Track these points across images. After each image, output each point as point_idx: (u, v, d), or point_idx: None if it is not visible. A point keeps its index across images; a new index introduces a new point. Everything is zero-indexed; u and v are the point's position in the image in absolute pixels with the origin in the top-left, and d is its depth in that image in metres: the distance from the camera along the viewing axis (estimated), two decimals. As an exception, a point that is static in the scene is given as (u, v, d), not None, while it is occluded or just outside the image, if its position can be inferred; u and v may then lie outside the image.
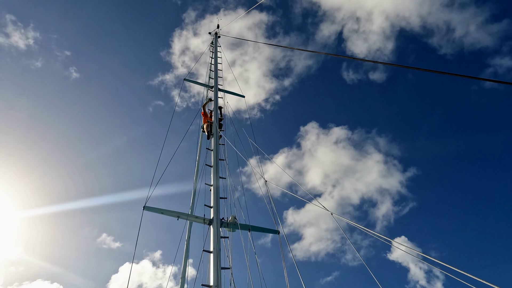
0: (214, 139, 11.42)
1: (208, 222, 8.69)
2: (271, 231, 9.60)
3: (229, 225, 8.98)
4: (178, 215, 8.65)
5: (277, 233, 9.43)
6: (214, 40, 17.51)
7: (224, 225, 8.89)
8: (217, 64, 15.55)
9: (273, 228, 9.44)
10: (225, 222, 8.94)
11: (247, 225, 9.13)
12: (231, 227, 9.01)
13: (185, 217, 8.67)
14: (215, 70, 15.18)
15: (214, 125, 11.96)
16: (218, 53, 16.38)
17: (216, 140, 11.34)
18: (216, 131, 11.66)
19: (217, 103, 13.34)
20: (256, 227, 9.41)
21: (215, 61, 15.83)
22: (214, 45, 17.03)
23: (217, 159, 10.63)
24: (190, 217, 8.80)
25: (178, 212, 8.63)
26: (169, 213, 8.60)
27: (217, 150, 10.93)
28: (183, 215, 8.67)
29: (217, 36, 17.76)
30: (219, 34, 17.91)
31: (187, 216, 8.73)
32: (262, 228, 9.57)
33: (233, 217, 9.22)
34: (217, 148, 11.01)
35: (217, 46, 17.04)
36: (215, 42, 17.24)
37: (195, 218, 8.82)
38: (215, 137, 11.46)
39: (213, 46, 16.98)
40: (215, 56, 16.12)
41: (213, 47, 16.87)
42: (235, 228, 9.13)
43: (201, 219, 8.72)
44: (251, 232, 9.13)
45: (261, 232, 9.72)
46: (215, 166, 10.30)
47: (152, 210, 8.47)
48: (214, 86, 14.03)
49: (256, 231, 9.45)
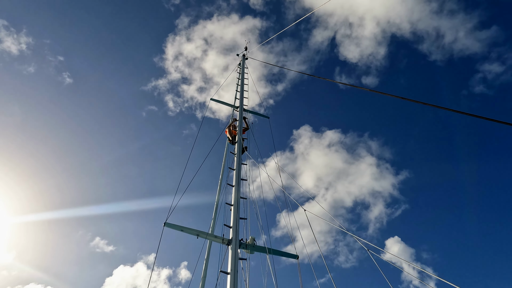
0: (236, 159, 11.49)
1: (227, 242, 8.64)
2: (290, 255, 9.41)
3: (247, 247, 8.89)
4: (197, 234, 8.66)
5: (296, 257, 9.24)
6: (241, 62, 17.88)
7: (242, 246, 8.81)
8: (243, 85, 15.81)
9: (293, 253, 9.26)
10: (244, 243, 8.86)
11: (266, 247, 9.00)
12: (249, 249, 8.92)
13: (204, 236, 8.66)
14: (241, 91, 15.43)
15: (238, 145, 12.06)
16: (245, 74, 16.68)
17: (239, 159, 11.40)
18: (239, 152, 11.74)
19: (242, 123, 13.50)
20: (275, 250, 9.26)
21: (242, 82, 16.12)
22: (242, 67, 17.38)
23: (239, 179, 10.65)
24: (209, 236, 8.79)
25: (197, 231, 8.64)
26: (189, 231, 8.62)
27: (239, 169, 10.97)
28: (202, 234, 8.67)
29: (244, 58, 18.14)
30: (247, 56, 18.28)
31: (206, 235, 8.72)
32: (281, 251, 9.40)
33: (252, 239, 9.12)
34: (239, 168, 11.06)
35: (244, 67, 17.37)
36: (243, 64, 17.59)
37: (214, 237, 8.79)
38: (237, 157, 11.54)
39: (240, 67, 17.32)
40: (241, 77, 16.43)
41: (240, 68, 17.21)
42: (254, 250, 9.02)
43: (220, 239, 8.68)
44: (269, 254, 8.98)
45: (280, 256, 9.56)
46: (236, 185, 10.31)
47: (173, 227, 8.52)
48: (239, 107, 14.23)
49: (275, 254, 9.29)
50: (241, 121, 13.59)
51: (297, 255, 9.20)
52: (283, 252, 9.39)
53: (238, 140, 12.34)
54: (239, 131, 13.00)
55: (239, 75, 16.63)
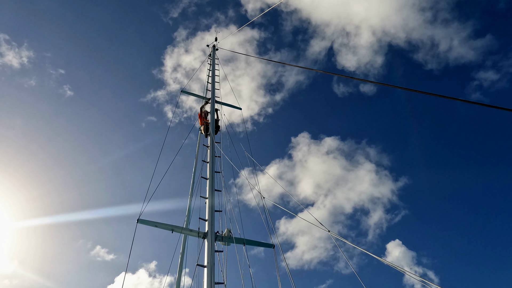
0: (209, 151, 11.40)
1: (203, 235, 8.62)
2: (266, 245, 9.51)
3: (223, 239, 8.90)
4: (172, 228, 8.57)
5: (272, 247, 9.35)
6: (212, 53, 17.62)
7: (218, 238, 8.81)
8: (215, 76, 15.62)
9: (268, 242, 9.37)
10: (220, 235, 8.86)
11: (242, 238, 9.04)
12: (225, 241, 8.93)
13: (179, 231, 8.59)
14: (213, 82, 15.24)
15: (211, 137, 11.95)
16: (215, 66, 16.47)
17: (212, 152, 11.31)
18: (213, 144, 11.65)
19: (214, 115, 13.36)
20: (251, 240, 9.32)
21: (213, 73, 15.91)
22: (212, 57, 17.14)
23: (213, 172, 10.59)
24: (184, 230, 8.72)
25: (172, 226, 8.55)
26: (163, 226, 8.52)
27: (213, 162, 10.90)
28: (178, 228, 8.60)
29: (215, 48, 17.89)
30: (217, 47, 18.03)
31: (181, 229, 8.65)
32: (257, 242, 9.48)
33: (227, 231, 9.14)
34: (213, 160, 10.98)
35: (215, 58, 17.15)
36: (213, 55, 17.35)
37: (189, 231, 8.74)
38: (210, 149, 11.45)
39: (210, 58, 17.08)
40: (212, 68, 16.20)
41: (211, 59, 16.98)
42: (230, 242, 9.04)
43: (195, 233, 8.64)
44: (246, 246, 9.04)
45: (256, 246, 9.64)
46: (211, 179, 10.25)
47: (146, 223, 8.39)
48: (211, 98, 14.07)
49: (251, 245, 9.37)
50: (213, 112, 13.45)
51: (273, 244, 9.31)
52: (260, 242, 9.47)
53: (211, 132, 12.23)
54: (212, 123, 12.87)
55: (210, 66, 16.41)
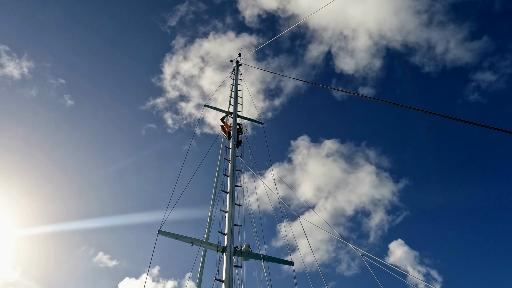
0: (230, 165, 11.46)
1: (222, 249, 8.59)
2: (285, 262, 9.37)
3: (242, 254, 8.84)
4: (192, 241, 8.60)
5: (291, 264, 9.19)
6: (235, 68, 17.91)
7: (237, 253, 8.76)
8: (237, 91, 15.82)
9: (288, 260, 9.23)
10: (239, 250, 8.81)
11: (261, 254, 8.95)
12: (244, 256, 8.86)
13: (198, 244, 8.60)
14: (235, 97, 15.44)
15: (232, 151, 12.03)
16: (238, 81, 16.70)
17: (233, 167, 11.37)
18: (234, 158, 11.71)
19: (236, 130, 13.48)
20: (270, 257, 9.21)
21: (236, 87, 16.14)
22: (236, 73, 17.41)
23: (233, 185, 10.61)
24: (203, 243, 8.73)
25: (192, 238, 8.58)
26: (183, 238, 8.56)
27: (233, 176, 10.94)
28: (197, 242, 8.61)
29: (238, 64, 18.18)
30: (241, 63, 18.32)
31: (200, 242, 8.66)
32: (277, 258, 9.36)
33: (247, 246, 9.07)
34: (234, 174, 11.02)
35: (238, 73, 17.40)
36: (236, 70, 17.62)
37: (208, 245, 8.73)
38: (231, 163, 11.50)
39: (234, 73, 17.35)
40: (235, 83, 16.44)
41: (234, 75, 17.24)
42: (249, 257, 8.97)
43: (214, 247, 8.63)
44: (265, 262, 8.93)
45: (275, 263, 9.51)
46: (231, 192, 10.27)
47: (167, 235, 8.45)
48: (233, 113, 14.23)
49: (270, 261, 9.24)
50: (235, 127, 13.58)
51: (292, 262, 9.15)
52: (279, 259, 9.34)
53: (232, 147, 12.32)
54: (233, 137, 12.98)
55: (233, 81, 16.65)
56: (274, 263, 9.44)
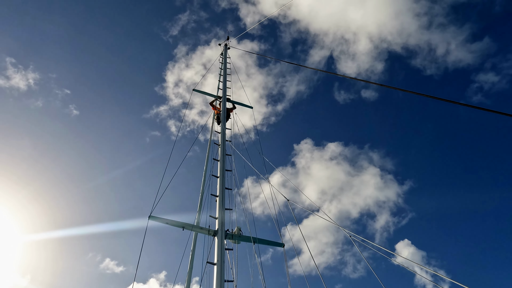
0: (220, 149, 11.40)
1: (213, 233, 8.63)
2: (276, 244, 9.48)
3: (233, 237, 8.90)
4: (183, 226, 8.61)
5: (282, 246, 9.31)
6: (223, 51, 17.65)
7: (228, 236, 8.81)
8: (226, 75, 15.63)
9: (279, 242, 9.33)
10: (230, 233, 8.86)
11: (252, 237, 9.02)
12: (235, 239, 8.93)
13: (189, 228, 8.62)
14: (224, 81, 15.25)
15: (222, 135, 11.96)
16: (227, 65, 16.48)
17: (223, 150, 11.32)
18: (223, 141, 11.66)
19: (225, 112, 13.38)
20: (261, 239, 9.29)
21: (224, 71, 15.93)
22: (224, 56, 17.16)
23: (224, 169, 10.59)
24: (194, 228, 8.75)
25: (182, 223, 8.59)
26: (173, 223, 8.56)
27: (223, 160, 10.91)
28: (188, 226, 8.63)
29: (226, 47, 17.90)
30: (229, 46, 18.05)
31: (191, 226, 8.68)
32: (268, 240, 9.45)
33: (238, 229, 9.14)
34: (224, 159, 10.99)
35: (227, 57, 17.16)
36: (225, 53, 17.37)
37: (199, 229, 8.76)
38: (221, 146, 11.45)
39: (222, 57, 17.10)
40: (224, 67, 16.22)
41: (223, 58, 17.00)
42: (240, 240, 9.04)
43: (206, 230, 8.67)
44: (256, 244, 9.02)
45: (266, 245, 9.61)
46: (221, 176, 10.26)
47: (157, 220, 8.44)
48: (222, 97, 14.09)
49: (261, 243, 9.34)
50: (224, 109, 13.47)
51: (283, 243, 9.27)
52: (269, 241, 9.45)
53: (222, 131, 12.24)
54: (223, 121, 12.88)
55: (222, 64, 16.42)
56: (266, 245, 9.56)
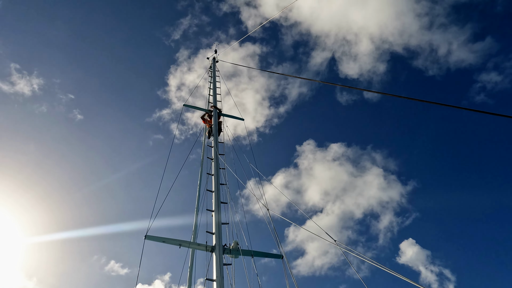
0: (214, 163, 11.43)
1: (211, 249, 8.61)
2: (274, 256, 9.47)
3: (231, 251, 8.88)
4: (180, 243, 8.58)
5: (280, 257, 9.30)
6: (212, 65, 17.78)
7: (226, 251, 8.79)
8: (216, 88, 15.73)
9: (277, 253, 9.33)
10: (228, 248, 8.85)
11: (250, 250, 9.02)
12: (233, 254, 8.91)
13: (187, 245, 8.59)
14: (214, 94, 15.34)
15: (214, 149, 12.00)
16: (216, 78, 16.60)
17: (216, 164, 11.34)
18: (216, 156, 11.69)
19: (217, 125, 13.43)
20: (259, 252, 9.29)
21: (214, 85, 16.03)
22: (213, 69, 17.29)
23: (218, 184, 10.60)
24: (192, 244, 8.72)
25: (179, 240, 8.56)
26: (170, 241, 8.53)
27: (217, 174, 10.92)
28: (185, 243, 8.60)
29: (215, 60, 18.05)
30: (217, 59, 18.20)
31: (189, 244, 8.65)
32: (265, 253, 9.45)
33: (235, 243, 9.12)
34: (218, 173, 11.00)
35: (216, 70, 17.29)
36: (213, 66, 17.50)
37: (197, 245, 8.74)
38: (214, 161, 11.48)
39: (211, 70, 17.23)
40: (213, 80, 16.33)
41: (212, 72, 17.12)
42: (238, 254, 9.02)
43: (203, 247, 8.64)
44: (254, 257, 9.01)
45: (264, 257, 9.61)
46: (216, 191, 10.26)
47: (154, 239, 8.40)
48: (213, 111, 14.15)
49: (259, 256, 9.33)
50: (215, 123, 13.52)
51: (281, 255, 9.26)
52: (268, 253, 9.45)
53: (215, 144, 12.28)
54: (215, 134, 12.92)
55: (211, 78, 16.54)
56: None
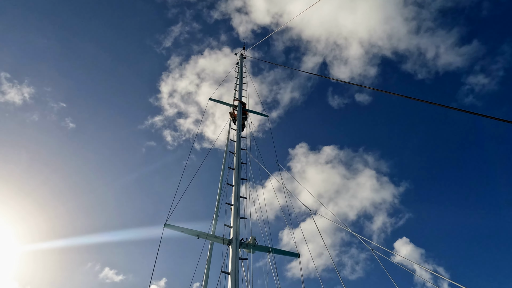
0: (236, 157, 11.43)
1: (228, 242, 8.60)
2: (292, 254, 9.36)
3: (248, 246, 8.84)
4: (198, 234, 8.62)
5: (297, 256, 9.18)
6: (240, 61, 17.81)
7: (243, 246, 8.76)
8: (242, 84, 15.74)
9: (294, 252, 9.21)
10: (245, 243, 8.81)
11: (267, 247, 8.94)
12: (250, 248, 8.86)
13: (204, 237, 8.62)
14: (240, 89, 15.36)
15: (237, 144, 11.99)
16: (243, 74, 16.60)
17: (238, 159, 11.34)
18: (239, 150, 11.68)
19: (240, 121, 13.43)
20: (276, 249, 9.21)
21: (240, 80, 16.04)
22: (240, 65, 17.31)
23: (239, 178, 10.59)
24: (209, 236, 8.74)
25: (197, 231, 8.61)
26: (188, 231, 8.58)
27: (238, 169, 10.91)
28: (203, 235, 8.63)
29: (242, 56, 18.07)
30: (245, 55, 18.22)
31: (206, 235, 8.68)
32: (283, 250, 9.35)
33: (252, 238, 9.07)
34: (239, 167, 11.00)
35: (243, 66, 17.30)
36: (241, 62, 17.52)
37: (214, 238, 8.75)
38: (237, 156, 11.48)
39: (238, 66, 17.25)
40: (240, 76, 16.35)
41: (239, 67, 17.14)
42: (255, 250, 8.97)
43: (220, 239, 8.64)
44: (271, 254, 8.93)
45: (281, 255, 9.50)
46: (236, 185, 10.26)
47: (172, 228, 8.48)
48: (238, 105, 14.16)
49: (277, 253, 9.25)
50: (240, 117, 13.53)
51: (298, 254, 9.14)
52: (285, 251, 9.34)
53: (237, 140, 12.28)
54: (238, 129, 12.93)
55: (238, 74, 16.56)
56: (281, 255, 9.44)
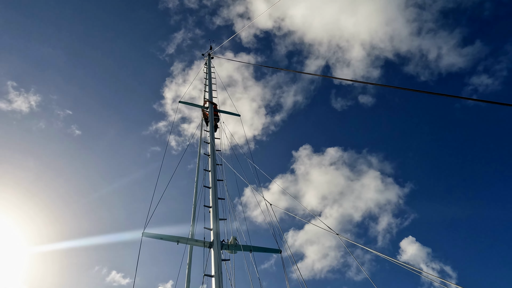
0: (210, 159, 11.36)
1: (209, 245, 8.55)
2: (273, 251, 9.43)
3: (230, 247, 8.83)
4: (177, 240, 8.51)
5: (279, 252, 9.26)
6: (207, 61, 17.67)
7: (225, 247, 8.74)
8: (211, 85, 15.64)
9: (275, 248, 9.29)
10: (226, 244, 8.79)
11: (249, 245, 8.97)
12: (232, 249, 8.86)
13: (184, 241, 8.53)
14: (210, 90, 15.25)
15: (211, 146, 11.92)
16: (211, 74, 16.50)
17: (213, 159, 11.28)
18: (213, 151, 11.62)
19: (213, 123, 13.35)
20: (257, 247, 9.25)
21: (209, 80, 15.93)
22: (208, 65, 17.18)
23: (215, 180, 10.54)
24: (190, 241, 8.66)
25: (177, 237, 8.49)
26: (168, 237, 8.46)
27: (214, 170, 10.85)
28: (183, 239, 8.54)
29: (210, 57, 17.95)
30: (212, 55, 18.10)
31: (186, 240, 8.59)
32: (264, 248, 9.41)
33: (233, 239, 9.07)
34: (214, 168, 10.94)
35: (211, 66, 17.19)
36: (209, 63, 17.40)
37: (195, 241, 8.68)
38: (211, 156, 11.41)
39: (206, 67, 17.13)
40: (209, 76, 16.23)
41: (207, 68, 17.02)
42: (237, 250, 8.97)
43: (201, 243, 8.58)
44: (252, 252, 8.97)
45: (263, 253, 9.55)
46: (213, 187, 10.20)
47: (151, 236, 8.33)
48: (209, 106, 14.06)
49: (258, 251, 9.28)
50: (211, 119, 13.44)
51: (279, 249, 9.23)
52: (266, 248, 9.40)
53: (211, 140, 12.20)
54: (211, 130, 12.85)
55: (206, 74, 16.43)
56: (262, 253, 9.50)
